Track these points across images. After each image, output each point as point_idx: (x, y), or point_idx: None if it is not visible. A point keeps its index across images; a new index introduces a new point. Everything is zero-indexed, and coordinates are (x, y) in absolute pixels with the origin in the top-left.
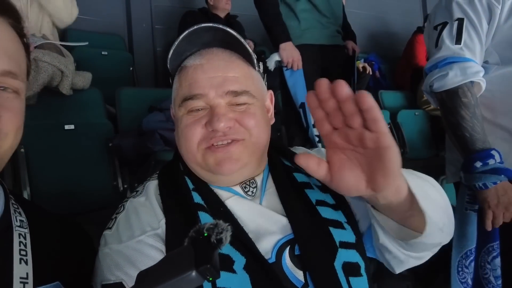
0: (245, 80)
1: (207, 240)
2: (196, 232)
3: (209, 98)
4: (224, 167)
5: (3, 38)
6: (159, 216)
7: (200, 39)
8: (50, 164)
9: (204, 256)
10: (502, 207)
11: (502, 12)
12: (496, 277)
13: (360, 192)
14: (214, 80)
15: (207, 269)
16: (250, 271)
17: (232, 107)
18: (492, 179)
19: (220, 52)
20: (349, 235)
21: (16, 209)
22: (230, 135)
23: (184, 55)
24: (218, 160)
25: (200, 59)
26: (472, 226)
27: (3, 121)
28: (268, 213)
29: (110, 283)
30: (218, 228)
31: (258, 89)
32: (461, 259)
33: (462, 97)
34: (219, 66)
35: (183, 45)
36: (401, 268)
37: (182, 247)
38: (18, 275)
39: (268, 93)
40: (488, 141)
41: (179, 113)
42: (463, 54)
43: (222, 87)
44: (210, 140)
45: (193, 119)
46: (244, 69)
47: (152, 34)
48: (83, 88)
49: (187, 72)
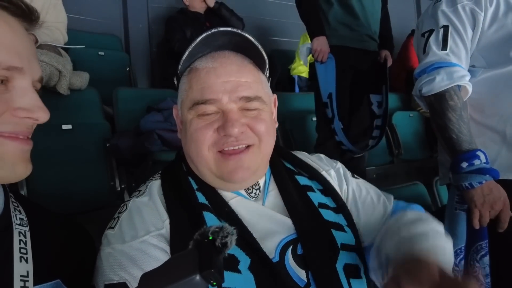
0: (256, 85)
1: (212, 243)
2: (201, 235)
3: (222, 103)
4: (236, 176)
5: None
6: (163, 216)
7: (215, 42)
8: (47, 164)
9: (209, 260)
10: (487, 205)
11: (485, 19)
12: (485, 275)
13: None
14: (227, 85)
15: (211, 273)
16: (255, 271)
17: (244, 112)
18: (477, 179)
19: (233, 56)
20: (349, 238)
21: (16, 207)
22: (242, 141)
23: (195, 57)
24: (230, 168)
25: (212, 62)
26: (462, 225)
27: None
28: (271, 214)
29: (114, 283)
30: (224, 232)
31: (267, 94)
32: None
33: (449, 100)
34: (232, 71)
35: (197, 47)
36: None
37: (186, 250)
38: (19, 273)
39: (273, 97)
40: (474, 142)
41: (188, 116)
42: (449, 59)
43: (235, 93)
44: (222, 145)
45: (205, 123)
46: (255, 74)
47: (148, 34)
48: (81, 88)
49: (199, 75)
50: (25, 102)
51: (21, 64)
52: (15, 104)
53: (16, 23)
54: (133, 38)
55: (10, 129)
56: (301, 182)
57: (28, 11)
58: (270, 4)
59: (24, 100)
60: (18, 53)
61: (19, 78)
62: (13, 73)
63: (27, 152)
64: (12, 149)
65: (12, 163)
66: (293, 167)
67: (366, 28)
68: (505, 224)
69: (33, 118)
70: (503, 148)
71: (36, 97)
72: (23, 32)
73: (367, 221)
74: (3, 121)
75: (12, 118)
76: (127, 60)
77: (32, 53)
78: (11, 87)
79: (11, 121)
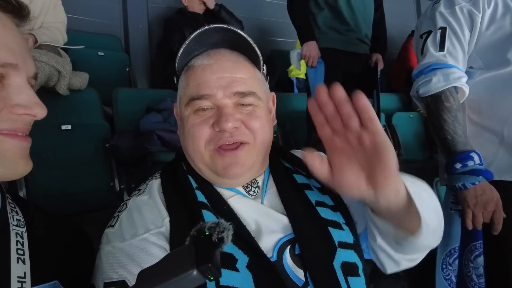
0: (251, 82)
1: (209, 239)
2: (197, 231)
3: (217, 98)
4: (231, 172)
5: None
6: (163, 215)
7: (209, 39)
8: (46, 165)
9: (205, 255)
10: (480, 206)
11: (483, 20)
12: (479, 276)
13: (361, 191)
14: (222, 80)
15: (208, 268)
16: (252, 269)
17: (239, 107)
18: (470, 180)
19: (228, 53)
20: (347, 235)
21: (13, 208)
22: (236, 137)
23: (192, 55)
24: (225, 164)
25: (208, 59)
26: (456, 226)
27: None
28: (269, 212)
29: (113, 281)
30: (220, 227)
31: (263, 91)
32: (445, 257)
33: (445, 102)
34: (227, 67)
35: (192, 44)
36: (394, 269)
37: (183, 246)
38: (16, 274)
39: (271, 94)
40: (469, 143)
41: (185, 112)
42: (446, 60)
43: (230, 88)
44: (217, 141)
45: (200, 119)
46: (250, 71)
47: (148, 34)
48: (80, 88)
49: (195, 72)
50: (22, 99)
51: (16, 60)
52: (12, 101)
53: (7, 20)
54: (133, 39)
55: (8, 126)
56: (299, 180)
57: (19, 6)
58: (270, 4)
59: (21, 97)
60: (12, 50)
61: (15, 75)
62: (8, 70)
63: (26, 149)
64: (11, 146)
65: (13, 160)
66: (291, 166)
67: (356, 33)
68: (499, 226)
69: (31, 115)
70: (500, 150)
71: (32, 93)
72: (15, 28)
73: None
74: (1, 118)
75: (10, 115)
76: (126, 61)
77: (25, 49)
78: (7, 85)
79: (9, 119)
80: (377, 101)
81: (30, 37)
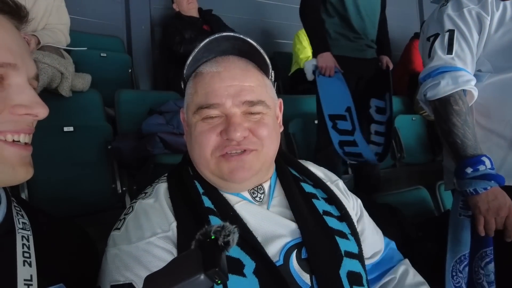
0: (260, 90)
1: (214, 242)
2: (203, 234)
3: (226, 107)
4: (237, 176)
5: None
6: (169, 219)
7: (218, 47)
8: (48, 166)
9: (212, 259)
10: (492, 212)
11: (492, 23)
12: (490, 283)
13: None
14: (231, 89)
15: (216, 272)
16: (259, 275)
17: (247, 116)
18: (482, 185)
19: (237, 60)
20: (353, 246)
21: (18, 212)
22: (243, 145)
23: (200, 61)
24: (231, 168)
25: (217, 66)
26: (466, 232)
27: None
28: (276, 218)
29: (120, 284)
30: (225, 231)
31: (271, 98)
32: (455, 264)
33: (454, 105)
34: (235, 75)
35: (201, 52)
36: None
37: (189, 250)
38: (22, 277)
39: (278, 101)
40: (479, 147)
41: (193, 119)
42: (455, 63)
43: (238, 97)
44: (224, 148)
45: (208, 127)
46: (259, 78)
47: (151, 36)
48: (83, 90)
49: (203, 79)
50: (23, 99)
51: (14, 60)
52: (13, 102)
53: (5, 21)
54: (136, 40)
55: (11, 127)
56: (306, 189)
57: (16, 7)
58: (273, 6)
59: (21, 97)
60: (10, 50)
61: (14, 75)
62: (7, 70)
63: (26, 157)
64: (11, 154)
65: (12, 167)
66: (298, 174)
67: (364, 40)
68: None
69: (32, 114)
70: (509, 154)
71: (33, 93)
72: (13, 29)
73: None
74: (3, 119)
75: (11, 116)
76: (129, 62)
77: (25, 49)
78: (7, 85)
79: (11, 119)
80: (390, 104)
81: (33, 39)
